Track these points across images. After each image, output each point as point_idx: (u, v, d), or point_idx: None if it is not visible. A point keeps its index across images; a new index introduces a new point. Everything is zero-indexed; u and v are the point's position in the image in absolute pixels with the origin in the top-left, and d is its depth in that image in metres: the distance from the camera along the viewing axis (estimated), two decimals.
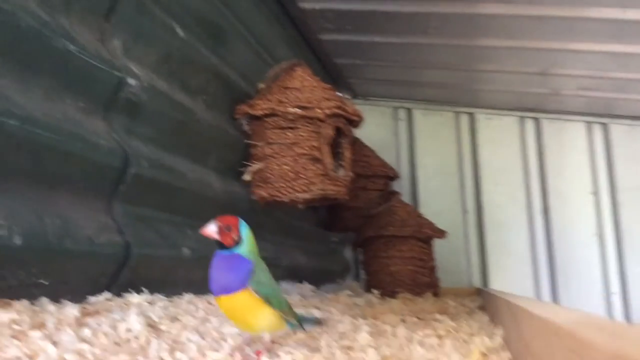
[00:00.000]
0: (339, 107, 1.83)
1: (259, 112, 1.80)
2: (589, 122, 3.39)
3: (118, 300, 1.11)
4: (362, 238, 2.53)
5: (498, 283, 3.38)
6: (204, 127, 1.60)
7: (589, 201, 3.36)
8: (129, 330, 0.83)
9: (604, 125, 3.37)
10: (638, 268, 3.26)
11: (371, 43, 2.74)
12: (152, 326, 0.88)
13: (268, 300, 0.86)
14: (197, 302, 1.24)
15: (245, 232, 0.90)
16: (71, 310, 0.90)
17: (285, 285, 2.09)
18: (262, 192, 1.83)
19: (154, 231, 1.32)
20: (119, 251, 1.16)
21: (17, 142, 0.93)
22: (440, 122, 3.58)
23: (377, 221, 2.48)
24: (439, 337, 1.11)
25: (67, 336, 0.72)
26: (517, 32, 2.43)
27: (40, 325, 0.76)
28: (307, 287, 2.25)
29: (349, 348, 0.90)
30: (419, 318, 1.50)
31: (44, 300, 0.96)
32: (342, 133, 1.92)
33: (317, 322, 1.03)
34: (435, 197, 3.49)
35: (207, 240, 1.59)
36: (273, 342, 0.92)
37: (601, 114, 3.33)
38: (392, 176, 2.92)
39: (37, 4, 1.01)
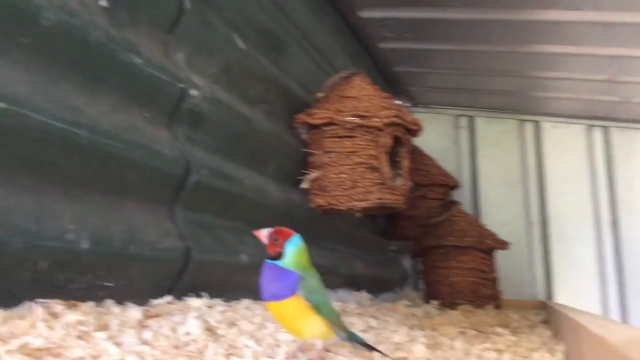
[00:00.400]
0: (397, 116, 1.82)
1: (317, 121, 1.82)
2: None
3: (179, 303, 1.14)
4: (421, 247, 2.50)
5: (563, 296, 3.27)
6: (263, 136, 1.63)
7: None
8: (187, 333, 0.86)
9: None
10: None
11: (430, 51, 2.72)
12: (210, 330, 0.90)
13: (318, 308, 0.87)
14: (254, 308, 1.26)
15: (291, 249, 0.90)
16: (134, 312, 0.93)
17: (343, 294, 2.09)
18: (320, 200, 1.85)
19: (213, 237, 1.35)
20: (179, 256, 1.20)
21: (86, 152, 0.98)
22: (503, 130, 3.50)
23: (436, 231, 2.45)
24: (498, 351, 1.09)
25: (129, 338, 0.75)
26: (583, 39, 2.36)
27: (104, 327, 0.79)
28: (364, 295, 2.24)
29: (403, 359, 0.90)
30: (478, 331, 1.47)
31: (109, 302, 1.00)
32: (400, 142, 1.91)
33: (366, 344, 0.97)
34: (498, 208, 3.41)
35: (265, 248, 1.62)
36: (326, 350, 0.92)
37: None
38: (453, 185, 2.88)
39: (105, 19, 1.06)
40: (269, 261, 0.89)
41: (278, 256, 0.88)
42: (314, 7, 2.16)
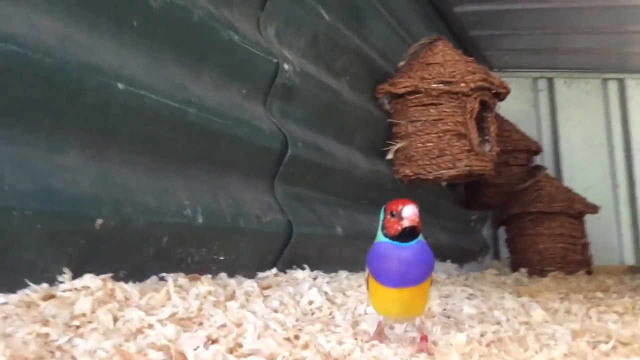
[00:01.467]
0: (484, 80, 1.77)
1: (401, 90, 1.80)
2: None
3: (284, 276, 1.16)
4: (506, 215, 2.45)
5: None
6: (349, 107, 1.63)
7: None
8: (310, 302, 0.87)
9: None
10: None
11: (509, 11, 2.62)
12: (329, 300, 0.92)
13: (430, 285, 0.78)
14: (353, 278, 1.27)
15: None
16: (250, 283, 0.96)
17: (439, 264, 2.07)
18: (407, 170, 1.83)
19: (310, 210, 1.37)
20: (282, 230, 1.21)
21: (195, 129, 1.00)
22: (585, 90, 3.35)
23: (522, 198, 2.39)
24: (618, 314, 1.05)
25: (258, 307, 0.77)
26: None
27: (232, 297, 0.82)
28: (450, 265, 2.22)
29: (527, 324, 0.88)
30: (585, 297, 1.43)
31: (223, 275, 1.03)
32: (487, 106, 1.86)
33: None
34: (582, 172, 3.29)
35: (357, 219, 1.62)
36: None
37: None
38: (535, 150, 2.79)
39: None
40: (412, 242, 0.73)
41: (402, 237, 0.73)
42: None
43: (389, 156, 1.87)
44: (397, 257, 0.73)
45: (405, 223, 0.71)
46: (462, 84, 1.75)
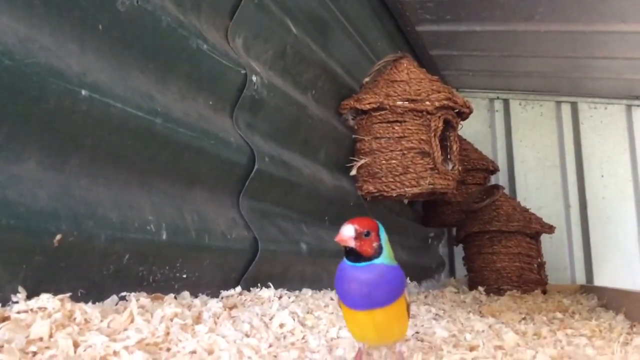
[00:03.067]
0: (448, 99, 1.78)
1: (366, 106, 1.79)
2: None
3: (248, 294, 1.12)
4: (465, 233, 2.46)
5: (604, 280, 3.21)
6: (315, 122, 1.60)
7: None
8: (282, 324, 0.83)
9: None
10: None
11: (469, 33, 2.66)
12: (300, 322, 0.88)
13: (409, 307, 0.75)
14: (319, 297, 1.24)
15: (384, 237, 0.76)
16: (215, 304, 0.91)
17: None
18: (370, 187, 1.82)
19: (275, 227, 1.33)
20: (247, 247, 1.17)
21: (161, 141, 0.95)
22: (539, 112, 3.44)
23: (480, 216, 2.41)
24: (586, 337, 1.05)
25: (228, 330, 0.73)
26: (631, 16, 2.28)
27: (199, 319, 0.77)
28: (410, 283, 2.21)
29: (502, 348, 0.86)
30: (547, 318, 1.44)
31: (186, 294, 0.98)
32: (450, 125, 1.87)
33: None
34: (536, 192, 3.36)
35: (320, 236, 1.59)
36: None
37: None
38: (492, 169, 2.84)
39: (173, 4, 1.03)
40: (363, 264, 0.71)
41: (375, 254, 0.72)
42: None
43: (353, 172, 1.85)
44: (354, 279, 0.71)
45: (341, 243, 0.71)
46: (427, 102, 1.75)
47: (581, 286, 3.07)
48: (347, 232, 0.71)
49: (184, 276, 1.00)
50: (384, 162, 1.80)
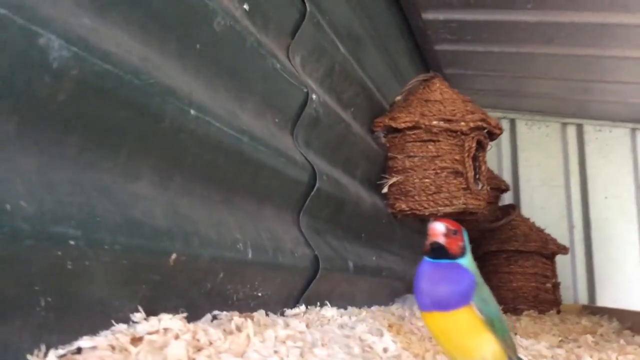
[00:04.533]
0: (482, 120, 1.80)
1: (401, 125, 1.80)
2: None
3: (314, 312, 1.12)
4: (482, 252, 2.48)
5: (606, 300, 3.26)
6: (357, 139, 1.62)
7: None
8: (386, 349, 0.83)
9: None
10: None
11: (488, 53, 2.70)
12: (398, 344, 0.88)
13: (491, 323, 0.71)
14: (376, 314, 1.24)
15: (467, 241, 0.77)
16: (297, 322, 0.91)
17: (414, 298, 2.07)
18: (402, 205, 1.83)
19: (327, 245, 1.33)
20: (309, 264, 1.18)
21: (245, 159, 0.96)
22: (545, 133, 3.49)
23: (498, 235, 2.44)
24: None
25: (341, 353, 0.73)
26: (637, 42, 2.34)
27: (316, 343, 0.77)
28: None
29: None
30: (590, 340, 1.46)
31: (262, 312, 0.98)
32: (481, 146, 1.90)
33: None
34: (540, 211, 3.40)
35: (360, 254, 1.60)
36: None
37: None
38: (504, 188, 2.87)
39: (251, 24, 1.04)
40: (438, 260, 0.73)
41: (460, 253, 0.73)
42: (384, 8, 2.14)
43: (384, 190, 1.86)
44: (427, 273, 0.73)
45: (429, 239, 0.73)
46: (462, 123, 1.78)
47: (583, 306, 3.12)
48: (440, 228, 0.73)
49: (259, 294, 1.00)
50: (417, 180, 1.81)
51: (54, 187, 0.57)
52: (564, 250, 2.45)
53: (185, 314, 0.71)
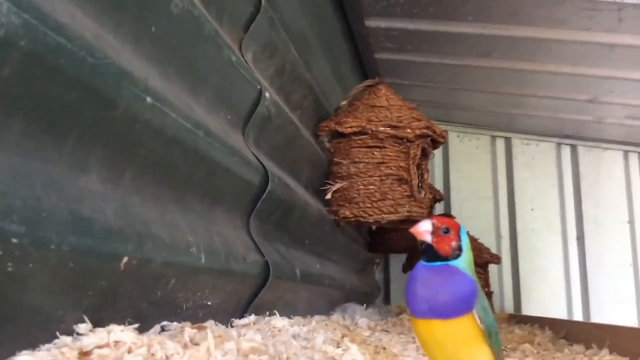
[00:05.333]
0: (428, 128, 1.80)
1: (348, 130, 1.77)
2: (626, 151, 3.40)
3: (262, 323, 1.05)
4: (417, 261, 2.48)
5: (531, 309, 3.36)
6: (305, 143, 1.57)
7: (625, 230, 3.36)
8: None
9: None
10: None
11: (426, 64, 2.73)
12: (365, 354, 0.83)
13: (489, 334, 0.67)
14: (328, 323, 1.19)
15: (466, 240, 0.71)
16: (253, 335, 0.84)
17: (353, 308, 2.03)
18: (346, 212, 1.79)
19: (277, 251, 1.27)
20: (260, 272, 1.11)
21: (200, 156, 0.88)
22: (476, 145, 3.57)
23: None
24: None
25: None
26: (572, 58, 2.42)
27: (278, 356, 0.71)
28: (370, 310, 2.20)
29: None
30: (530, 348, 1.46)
31: (211, 322, 0.90)
32: (425, 154, 1.89)
33: None
34: (470, 222, 3.46)
35: (306, 261, 1.54)
36: None
37: (639, 143, 3.34)
38: (439, 198, 2.90)
39: (207, 12, 0.97)
40: (437, 263, 0.68)
41: (453, 254, 0.68)
42: (330, 12, 2.11)
43: (328, 196, 1.82)
44: (419, 278, 0.68)
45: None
46: (408, 130, 1.76)
47: (510, 315, 3.20)
48: (424, 226, 0.69)
49: (209, 303, 0.92)
50: (361, 187, 1.78)
51: None
52: (496, 259, 2.49)
53: (135, 325, 0.63)
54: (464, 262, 0.69)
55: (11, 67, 0.50)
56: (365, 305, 2.17)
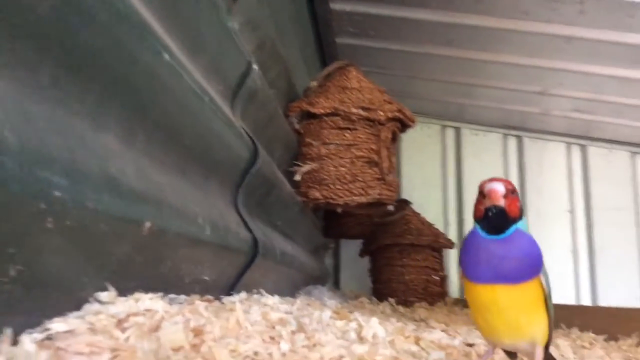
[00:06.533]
0: (399, 111, 1.80)
1: (320, 111, 1.74)
2: (568, 143, 3.54)
3: (252, 300, 1.02)
4: (377, 246, 2.50)
5: None
6: (281, 122, 1.53)
7: (566, 219, 3.50)
8: (375, 336, 0.76)
9: (583, 147, 3.53)
10: (608, 283, 3.43)
11: (385, 50, 2.73)
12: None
13: (550, 298, 0.65)
14: (306, 303, 1.17)
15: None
16: (257, 310, 0.81)
17: (320, 289, 2.02)
18: (316, 194, 1.77)
19: (260, 229, 1.24)
20: (248, 248, 1.07)
21: (205, 124, 0.84)
22: (427, 134, 3.62)
23: (392, 229, 2.46)
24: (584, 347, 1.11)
25: (339, 341, 0.65)
26: (530, 50, 2.48)
27: (301, 326, 0.68)
28: (330, 293, 2.19)
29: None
30: None
31: (209, 298, 0.87)
32: (394, 137, 1.89)
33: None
34: (420, 209, 3.50)
35: (281, 241, 1.51)
36: None
37: (581, 135, 3.48)
38: None
39: None
40: (501, 236, 0.64)
41: (518, 216, 0.64)
42: None
43: (298, 177, 1.79)
44: (485, 244, 0.64)
45: (487, 202, 0.64)
46: (380, 112, 1.76)
47: (456, 299, 3.28)
48: (500, 188, 0.64)
49: (206, 278, 0.88)
50: (332, 169, 1.76)
51: (33, 121, 0.43)
52: (451, 244, 2.54)
53: (161, 294, 0.59)
54: (525, 223, 0.67)
55: (47, 4, 0.45)
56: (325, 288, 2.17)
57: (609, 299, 3.39)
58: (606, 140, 3.49)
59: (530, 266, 0.64)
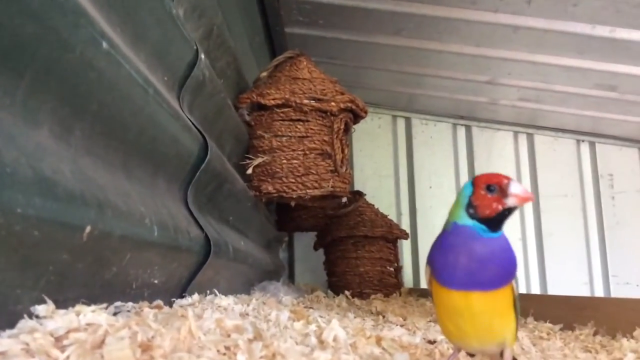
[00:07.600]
0: (351, 102, 1.77)
1: (270, 102, 1.70)
2: (516, 132, 3.60)
3: (205, 302, 0.98)
4: (331, 238, 2.47)
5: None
6: (231, 114, 1.48)
7: None
8: (335, 339, 0.72)
9: (530, 135, 3.59)
10: (556, 269, 3.52)
11: (335, 40, 2.70)
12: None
13: (518, 300, 0.64)
14: (262, 302, 1.13)
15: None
16: (210, 314, 0.77)
17: (276, 285, 1.98)
18: (269, 187, 1.73)
19: (212, 226, 1.19)
20: (199, 248, 1.02)
21: (149, 117, 0.78)
22: (378, 124, 3.62)
23: (346, 221, 2.44)
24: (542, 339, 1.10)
25: (298, 347, 0.61)
26: (477, 39, 2.50)
27: (257, 334, 0.63)
28: (286, 288, 2.15)
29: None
30: None
31: (159, 303, 0.81)
32: (347, 128, 1.87)
33: None
34: (372, 200, 3.49)
35: (234, 239, 1.46)
36: None
37: (527, 124, 3.55)
38: None
39: None
40: (499, 233, 0.60)
41: (496, 220, 0.59)
42: None
43: (249, 171, 1.74)
44: (470, 247, 0.59)
45: (511, 202, 0.59)
46: (333, 103, 1.73)
47: (409, 289, 3.30)
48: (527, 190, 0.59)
49: (155, 282, 0.83)
50: (284, 161, 1.72)
51: None
52: (405, 235, 2.54)
53: (104, 305, 0.54)
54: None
55: None
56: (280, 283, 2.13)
57: (558, 286, 3.48)
58: (552, 128, 3.57)
59: (507, 274, 0.62)
